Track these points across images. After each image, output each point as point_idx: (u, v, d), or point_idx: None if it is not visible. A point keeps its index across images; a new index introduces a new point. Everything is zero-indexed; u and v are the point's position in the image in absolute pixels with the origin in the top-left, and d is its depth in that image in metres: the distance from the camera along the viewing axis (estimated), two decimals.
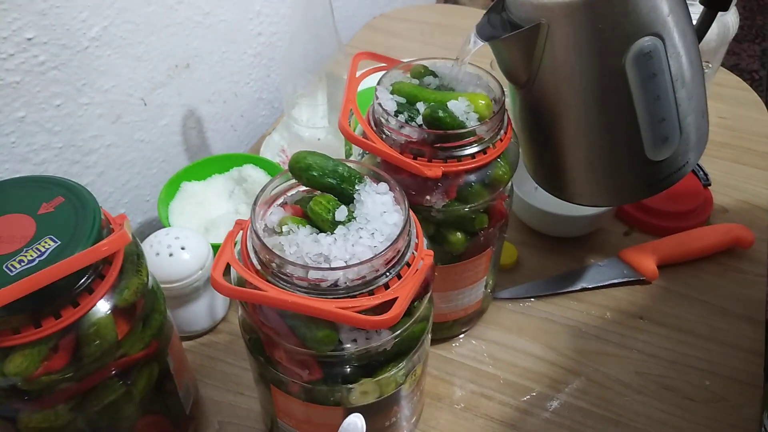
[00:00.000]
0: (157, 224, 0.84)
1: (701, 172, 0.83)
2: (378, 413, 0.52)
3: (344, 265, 0.42)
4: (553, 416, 0.63)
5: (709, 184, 0.83)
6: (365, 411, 0.48)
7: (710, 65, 0.75)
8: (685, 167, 0.57)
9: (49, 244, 0.43)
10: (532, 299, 0.73)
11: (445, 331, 0.68)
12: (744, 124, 0.95)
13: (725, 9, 0.56)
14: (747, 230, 0.76)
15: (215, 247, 0.64)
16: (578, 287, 0.74)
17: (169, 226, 0.73)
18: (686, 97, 0.54)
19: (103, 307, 0.45)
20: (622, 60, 0.52)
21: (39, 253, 0.42)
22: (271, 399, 0.52)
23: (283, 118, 0.88)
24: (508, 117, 0.58)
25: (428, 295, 0.49)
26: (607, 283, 0.74)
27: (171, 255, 0.63)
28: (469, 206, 0.56)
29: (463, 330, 0.70)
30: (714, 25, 0.79)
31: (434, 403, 0.64)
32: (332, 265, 0.43)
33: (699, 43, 0.56)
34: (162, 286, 0.62)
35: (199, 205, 0.78)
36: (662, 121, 0.54)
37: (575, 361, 0.67)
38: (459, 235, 0.58)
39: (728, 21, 0.82)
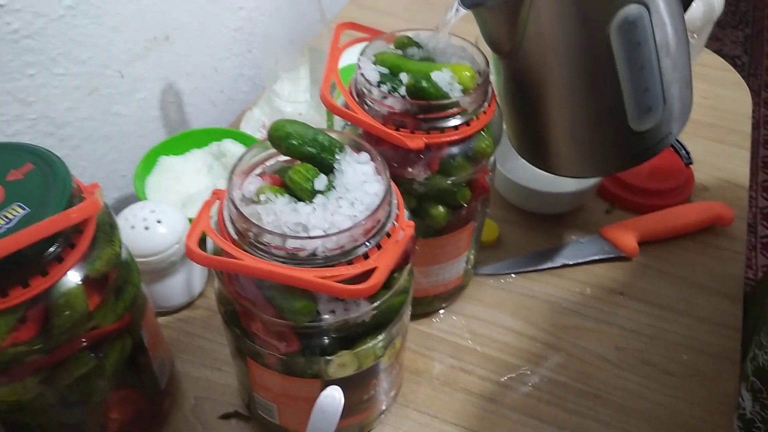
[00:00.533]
0: (133, 200, 0.81)
1: (683, 151, 0.83)
2: (356, 386, 0.51)
3: (323, 234, 0.42)
4: (532, 390, 0.63)
5: (691, 163, 0.83)
6: (343, 384, 0.48)
7: (695, 36, 0.75)
8: (668, 137, 0.57)
9: (17, 212, 0.41)
10: (513, 275, 0.73)
11: (425, 306, 0.68)
12: (726, 104, 0.95)
13: None
14: (727, 208, 0.76)
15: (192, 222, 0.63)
16: (559, 263, 0.74)
17: (146, 200, 0.72)
18: (670, 67, 0.54)
19: (73, 277, 0.44)
20: (606, 28, 0.51)
21: (6, 220, 0.41)
22: (248, 373, 0.51)
23: (265, 93, 0.87)
24: (492, 89, 0.57)
25: (408, 266, 0.48)
26: (587, 259, 0.74)
27: (147, 228, 0.62)
28: (451, 179, 0.55)
29: (444, 305, 0.69)
30: (700, 3, 0.79)
31: (413, 377, 0.64)
32: (311, 234, 0.42)
33: (685, 11, 0.55)
34: (137, 260, 0.61)
35: (176, 180, 0.76)
36: (646, 91, 0.53)
37: (555, 336, 0.68)
38: (441, 208, 0.57)
39: (714, 0, 0.82)
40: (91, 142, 0.76)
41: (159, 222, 0.63)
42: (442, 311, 0.69)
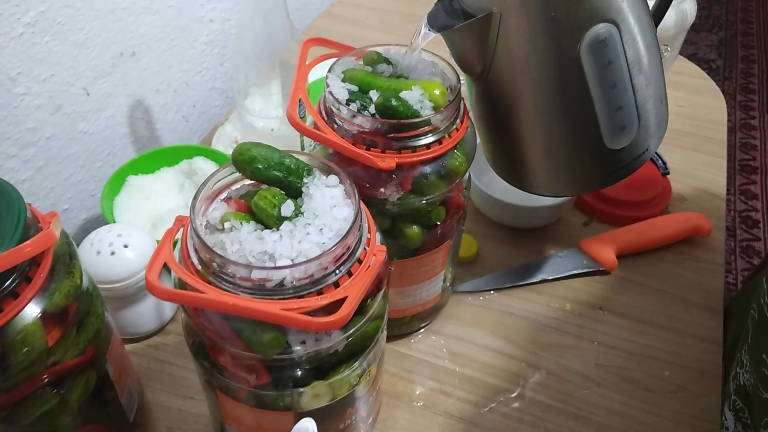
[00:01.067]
0: (102, 220, 0.80)
1: (660, 161, 0.83)
2: (331, 416, 0.50)
3: (290, 263, 0.40)
4: (512, 412, 0.62)
5: (668, 173, 0.82)
6: (317, 415, 0.46)
7: (668, 48, 0.75)
8: (644, 154, 0.56)
9: None
10: (492, 292, 0.72)
11: (403, 327, 0.66)
12: (702, 112, 0.95)
13: None
14: (705, 219, 0.76)
15: None
16: (538, 279, 0.72)
17: (114, 222, 0.70)
18: (644, 84, 0.53)
19: (30, 312, 0.42)
20: (576, 48, 0.50)
21: None
22: (219, 405, 0.49)
23: (237, 108, 0.85)
24: (465, 105, 0.56)
25: (381, 292, 0.46)
26: (566, 274, 0.73)
27: (113, 254, 0.60)
28: (425, 199, 0.54)
29: (422, 325, 0.68)
30: (672, 12, 0.79)
31: (392, 401, 0.62)
32: (277, 264, 0.40)
33: (657, 27, 0.55)
34: (104, 286, 0.60)
35: (146, 200, 0.74)
36: (619, 109, 0.53)
37: (535, 354, 0.66)
38: (415, 228, 0.56)
39: (686, 8, 0.81)
40: (56, 163, 0.74)
41: (126, 246, 0.61)
42: (420, 331, 0.68)
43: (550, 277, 0.73)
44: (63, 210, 0.77)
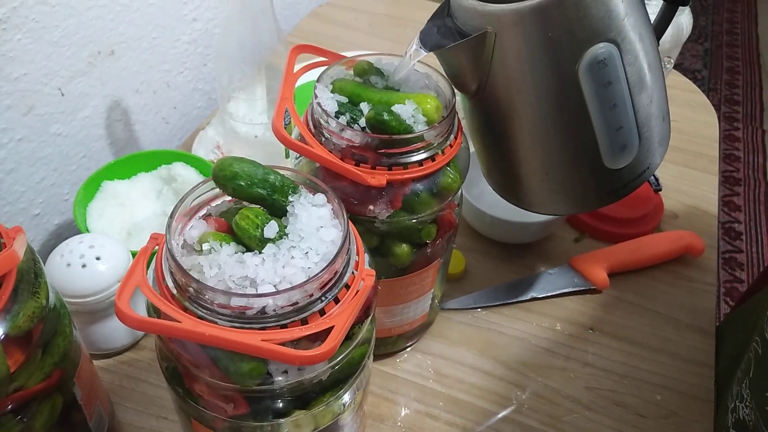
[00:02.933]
0: (76, 226, 0.77)
1: (652, 177, 0.82)
2: None
3: (273, 290, 0.37)
4: None
5: (660, 189, 0.81)
6: None
7: (671, 60, 0.73)
8: (645, 173, 0.55)
9: None
10: (480, 309, 0.70)
11: (388, 346, 0.64)
12: (694, 127, 0.94)
13: (686, 3, 0.53)
14: (698, 238, 0.74)
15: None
16: (528, 297, 0.70)
17: (87, 230, 0.66)
18: (645, 103, 0.51)
19: None
20: (575, 68, 0.48)
21: None
22: None
23: (219, 111, 0.82)
24: (459, 120, 0.53)
25: (369, 318, 0.44)
26: (557, 292, 0.71)
27: (84, 266, 0.57)
28: (416, 217, 0.52)
29: (409, 344, 0.65)
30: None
31: (376, 424, 0.60)
32: (259, 291, 0.37)
33: (659, 41, 0.53)
34: (74, 300, 0.57)
35: (122, 207, 0.71)
36: (620, 129, 0.51)
37: (524, 375, 0.64)
38: (405, 247, 0.54)
39: (682, 22, 0.80)
40: (27, 166, 0.71)
41: (98, 259, 0.57)
42: (406, 350, 0.66)
43: (540, 295, 0.71)
44: (34, 215, 0.73)
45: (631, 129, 0.51)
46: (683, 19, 0.79)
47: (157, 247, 0.42)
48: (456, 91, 0.53)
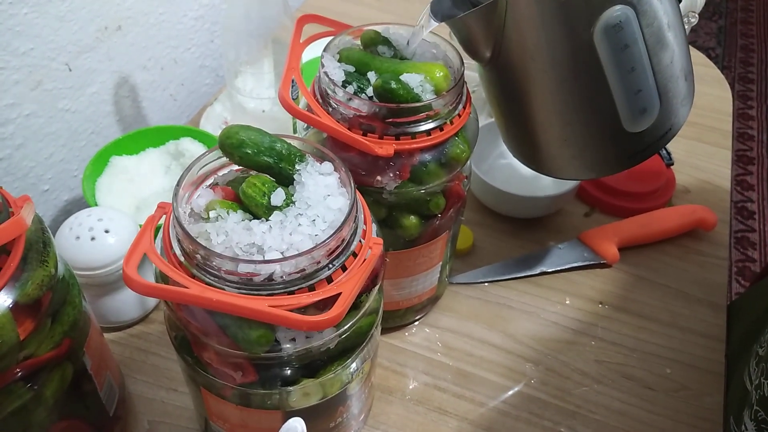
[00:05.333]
0: (85, 202, 0.77)
1: (664, 151, 0.80)
2: (321, 415, 0.47)
3: (280, 257, 0.37)
4: (509, 408, 0.59)
5: (672, 164, 0.80)
6: (307, 414, 0.44)
7: (696, 15, 0.71)
8: (668, 134, 0.54)
9: None
10: (489, 283, 0.69)
11: (397, 320, 0.64)
12: (707, 101, 0.92)
13: None
14: (710, 212, 0.73)
15: None
16: (537, 271, 0.70)
17: (96, 204, 0.67)
18: (666, 63, 0.50)
19: (0, 303, 0.39)
20: (590, 33, 0.47)
21: None
22: (203, 401, 0.47)
23: (226, 87, 0.81)
24: (467, 90, 0.53)
25: (377, 287, 0.44)
26: (566, 266, 0.71)
27: (93, 239, 0.57)
28: (424, 188, 0.51)
29: (417, 317, 0.65)
30: None
31: (385, 396, 0.60)
32: (266, 257, 0.37)
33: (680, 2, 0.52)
34: (84, 273, 0.57)
35: (130, 182, 0.71)
36: (639, 93, 0.50)
37: (533, 349, 0.64)
38: (413, 218, 0.53)
39: None
40: (36, 141, 0.71)
41: (107, 232, 0.58)
42: (415, 324, 0.65)
43: (549, 270, 0.70)
44: (43, 191, 0.74)
45: (651, 92, 0.50)
46: None
47: (164, 217, 0.42)
48: (465, 63, 0.52)
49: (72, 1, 0.68)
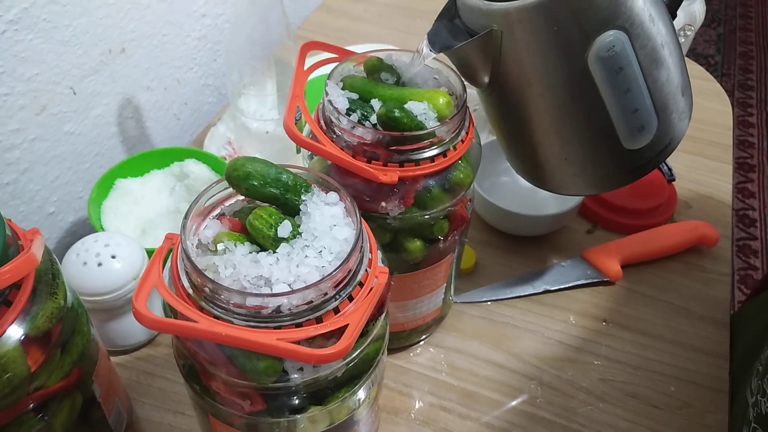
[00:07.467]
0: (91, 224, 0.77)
1: (665, 167, 0.81)
2: None
3: (288, 289, 0.38)
4: (514, 429, 0.60)
5: (673, 180, 0.80)
6: None
7: (692, 27, 0.72)
8: (668, 148, 0.54)
9: None
10: (493, 303, 0.70)
11: (402, 340, 0.64)
12: (707, 115, 0.93)
13: None
14: (712, 228, 0.74)
15: (150, 253, 0.59)
16: (541, 289, 0.70)
17: (101, 228, 0.67)
18: (662, 82, 0.51)
19: (11, 336, 0.39)
20: (584, 59, 0.48)
21: None
22: (211, 428, 0.47)
23: (230, 107, 0.82)
24: (470, 115, 0.53)
25: (383, 315, 0.44)
26: (570, 284, 0.71)
27: (100, 265, 0.57)
28: (428, 213, 0.52)
29: (422, 338, 0.66)
30: (681, 13, 0.77)
31: (391, 417, 0.60)
32: (273, 290, 0.38)
33: (674, 18, 0.52)
34: (91, 299, 0.57)
35: (136, 205, 0.71)
36: (636, 112, 0.50)
37: (537, 368, 0.64)
38: (417, 242, 0.54)
39: (695, 9, 0.79)
40: (42, 165, 0.71)
41: (113, 257, 0.58)
42: (420, 344, 0.66)
43: (553, 288, 0.71)
44: (49, 213, 0.74)
45: (648, 110, 0.51)
46: (696, 7, 0.78)
47: (172, 247, 0.42)
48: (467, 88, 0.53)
49: (76, 26, 0.69)
